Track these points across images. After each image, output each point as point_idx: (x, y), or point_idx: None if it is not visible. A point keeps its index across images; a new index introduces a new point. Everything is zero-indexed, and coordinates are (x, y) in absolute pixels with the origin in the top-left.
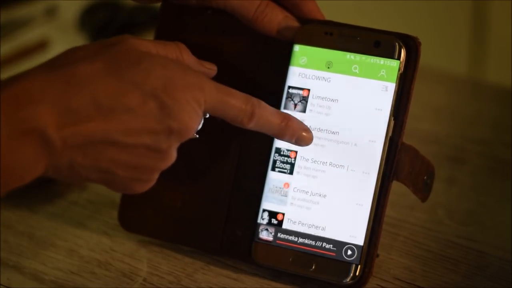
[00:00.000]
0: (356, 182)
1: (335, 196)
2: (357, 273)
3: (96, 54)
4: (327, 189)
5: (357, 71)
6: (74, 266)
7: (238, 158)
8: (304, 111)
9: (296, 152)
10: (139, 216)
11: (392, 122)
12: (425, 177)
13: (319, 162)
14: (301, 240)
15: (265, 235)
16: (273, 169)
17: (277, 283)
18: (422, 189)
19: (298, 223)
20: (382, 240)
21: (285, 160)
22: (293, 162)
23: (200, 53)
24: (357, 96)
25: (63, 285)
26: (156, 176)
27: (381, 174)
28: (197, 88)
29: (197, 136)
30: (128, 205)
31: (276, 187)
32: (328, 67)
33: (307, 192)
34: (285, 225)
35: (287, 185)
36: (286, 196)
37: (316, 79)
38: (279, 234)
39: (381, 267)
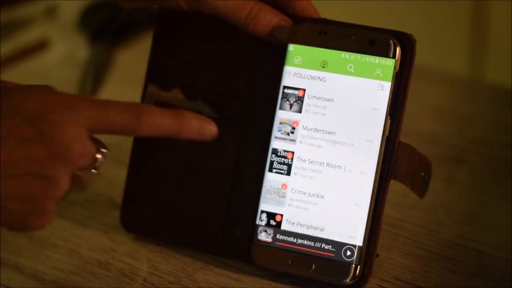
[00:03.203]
0: (353, 182)
1: (333, 196)
2: (356, 273)
3: None
4: (324, 190)
5: (352, 70)
6: (74, 266)
7: (237, 159)
8: (300, 111)
9: (293, 152)
10: (140, 217)
11: (389, 121)
12: (422, 174)
13: (316, 163)
14: (300, 241)
15: (264, 236)
16: (270, 170)
17: (277, 283)
18: (421, 186)
19: (297, 224)
20: (382, 240)
21: (282, 161)
22: (290, 163)
23: (197, 56)
24: (353, 96)
25: (63, 285)
26: (51, 206)
27: (378, 174)
28: (71, 107)
29: (96, 171)
30: (130, 206)
31: (273, 188)
32: (323, 67)
33: (304, 193)
34: (283, 226)
35: (284, 186)
36: (284, 197)
37: (311, 78)
38: (277, 236)
39: (381, 267)
